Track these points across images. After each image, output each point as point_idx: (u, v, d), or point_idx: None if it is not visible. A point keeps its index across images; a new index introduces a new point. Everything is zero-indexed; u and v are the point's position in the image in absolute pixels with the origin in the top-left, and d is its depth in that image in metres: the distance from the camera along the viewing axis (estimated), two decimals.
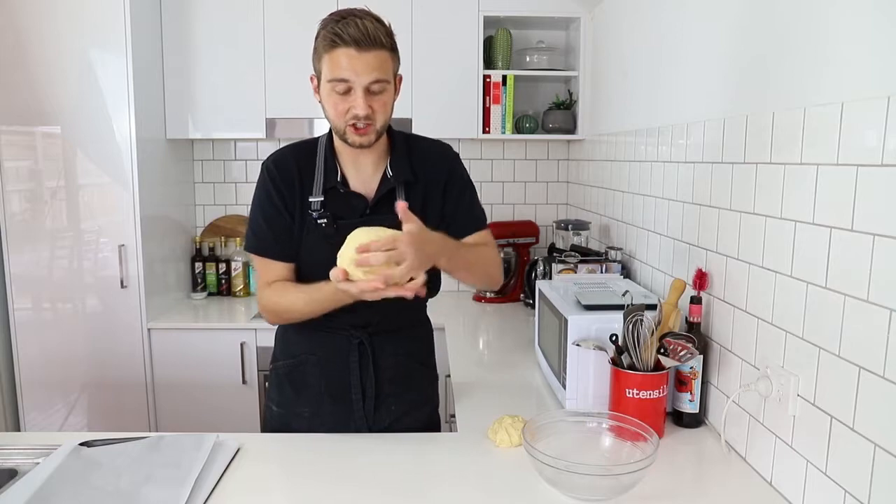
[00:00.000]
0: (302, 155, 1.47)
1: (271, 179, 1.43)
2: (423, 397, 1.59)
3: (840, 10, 1.09)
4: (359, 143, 1.36)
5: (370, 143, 1.37)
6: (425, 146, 1.52)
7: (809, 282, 1.15)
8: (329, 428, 1.49)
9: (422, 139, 1.55)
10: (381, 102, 1.34)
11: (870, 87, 1.00)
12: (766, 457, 1.29)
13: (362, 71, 1.29)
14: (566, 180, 3.21)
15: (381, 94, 1.33)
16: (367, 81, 1.29)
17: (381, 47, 1.30)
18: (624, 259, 2.25)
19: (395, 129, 1.49)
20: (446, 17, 2.77)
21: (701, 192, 1.60)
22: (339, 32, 1.28)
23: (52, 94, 2.47)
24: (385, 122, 1.37)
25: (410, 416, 1.54)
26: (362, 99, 1.30)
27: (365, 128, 1.34)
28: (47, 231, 2.56)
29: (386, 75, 1.32)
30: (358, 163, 1.45)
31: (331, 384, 1.49)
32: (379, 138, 1.39)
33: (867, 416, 1.01)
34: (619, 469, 1.18)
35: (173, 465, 1.26)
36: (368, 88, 1.31)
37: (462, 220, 1.50)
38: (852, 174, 1.03)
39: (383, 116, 1.36)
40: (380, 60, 1.30)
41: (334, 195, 1.43)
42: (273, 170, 1.45)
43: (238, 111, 2.82)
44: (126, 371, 2.62)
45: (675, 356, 1.42)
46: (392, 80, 1.35)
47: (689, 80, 1.72)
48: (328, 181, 1.43)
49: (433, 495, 1.24)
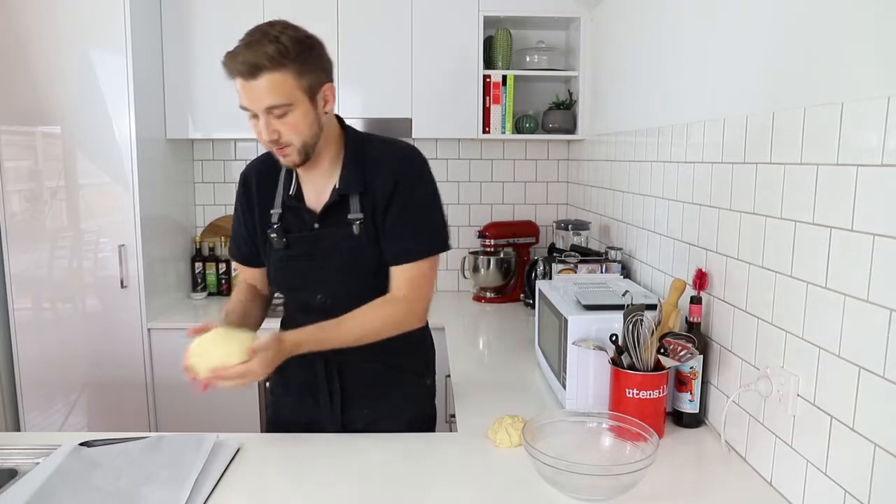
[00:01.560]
0: (266, 168, 1.49)
1: (240, 193, 1.52)
2: (404, 402, 1.56)
3: (840, 10, 1.09)
4: (286, 164, 1.37)
5: (297, 164, 1.36)
6: (377, 154, 1.42)
7: (809, 282, 1.15)
8: (307, 420, 1.52)
9: (380, 143, 1.45)
10: (289, 125, 1.29)
11: (870, 87, 1.00)
12: (766, 457, 1.29)
13: (255, 99, 1.26)
14: (566, 180, 3.21)
15: (287, 116, 1.28)
16: (261, 108, 1.27)
17: (270, 70, 1.23)
18: (624, 259, 2.25)
19: (353, 134, 1.45)
20: (446, 17, 2.77)
21: (701, 192, 1.60)
22: (227, 63, 1.26)
23: (52, 94, 2.47)
24: (307, 140, 1.33)
25: (389, 420, 1.52)
26: (264, 126, 1.29)
27: (283, 149, 1.32)
28: (47, 231, 2.55)
29: (283, 98, 1.26)
30: (310, 176, 1.45)
31: (304, 383, 1.53)
32: (308, 157, 1.36)
33: (867, 416, 1.01)
34: (619, 469, 1.18)
35: (173, 465, 1.26)
36: (271, 113, 1.28)
37: (392, 248, 1.41)
38: (852, 174, 1.03)
39: (299, 137, 1.31)
40: (272, 84, 1.24)
41: (289, 208, 1.45)
42: (240, 182, 1.53)
43: (238, 111, 2.80)
44: (126, 371, 2.62)
45: (675, 356, 1.42)
46: (297, 98, 1.28)
47: (689, 80, 1.72)
48: (285, 194, 1.45)
49: (433, 495, 1.24)
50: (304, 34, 1.30)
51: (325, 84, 1.33)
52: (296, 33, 1.28)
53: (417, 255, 1.41)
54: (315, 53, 1.31)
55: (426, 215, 1.43)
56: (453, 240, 3.16)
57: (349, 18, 2.75)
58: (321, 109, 1.34)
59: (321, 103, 1.34)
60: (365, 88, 2.80)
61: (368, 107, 2.81)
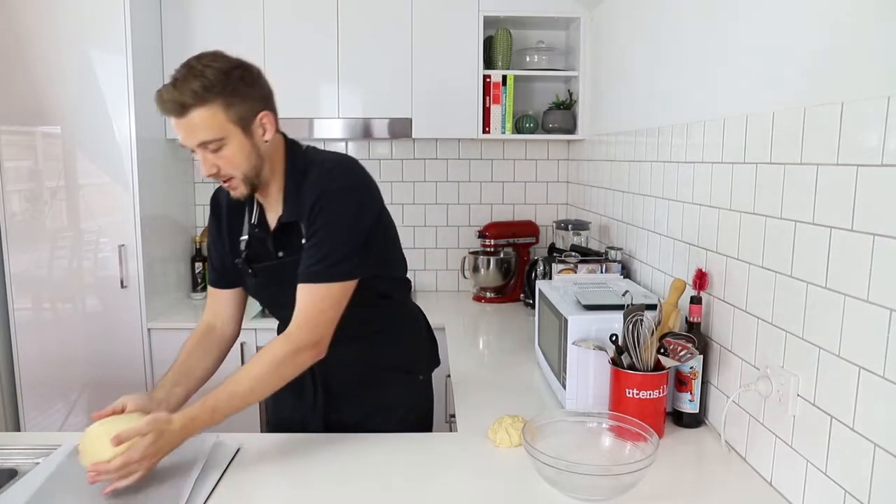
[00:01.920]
0: None
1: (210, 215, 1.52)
2: (394, 400, 1.57)
3: (840, 10, 1.09)
4: (234, 196, 1.36)
5: (245, 195, 1.35)
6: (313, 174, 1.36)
7: (809, 282, 1.15)
8: (287, 416, 1.52)
9: (317, 162, 1.38)
10: (226, 158, 1.27)
11: (870, 87, 1.00)
12: (766, 457, 1.29)
13: (187, 136, 1.25)
14: (566, 180, 3.21)
15: (222, 149, 1.26)
16: (195, 144, 1.26)
17: (196, 106, 1.21)
18: (624, 259, 2.25)
19: (297, 157, 1.40)
20: (446, 17, 2.77)
21: (701, 192, 1.60)
22: (157, 103, 1.25)
23: (52, 94, 2.47)
24: (247, 172, 1.30)
25: (380, 417, 1.53)
26: (202, 161, 1.28)
27: (227, 182, 1.32)
28: (47, 231, 2.55)
29: (214, 133, 1.24)
30: (267, 204, 1.43)
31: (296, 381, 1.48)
32: (256, 187, 1.34)
33: (867, 416, 1.01)
34: (619, 469, 1.18)
35: (173, 465, 1.26)
36: (206, 147, 1.26)
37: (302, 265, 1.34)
38: (852, 174, 1.03)
39: (237, 169, 1.29)
40: (201, 120, 1.22)
41: (254, 236, 1.45)
42: (210, 206, 1.52)
43: None
44: (126, 371, 2.62)
45: (675, 356, 1.42)
46: (229, 131, 1.25)
47: (689, 80, 1.72)
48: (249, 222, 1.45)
49: (433, 495, 1.24)
50: (234, 64, 1.26)
51: (259, 113, 1.29)
52: (223, 64, 1.24)
53: (311, 276, 1.31)
54: (245, 83, 1.27)
55: (326, 240, 1.31)
56: (454, 239, 3.19)
57: (349, 18, 2.75)
58: (259, 139, 1.31)
59: (258, 133, 1.30)
60: (365, 88, 2.80)
61: (368, 107, 2.81)
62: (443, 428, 2.31)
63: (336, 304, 1.32)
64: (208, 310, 1.56)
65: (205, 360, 1.49)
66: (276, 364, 1.28)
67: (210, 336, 1.53)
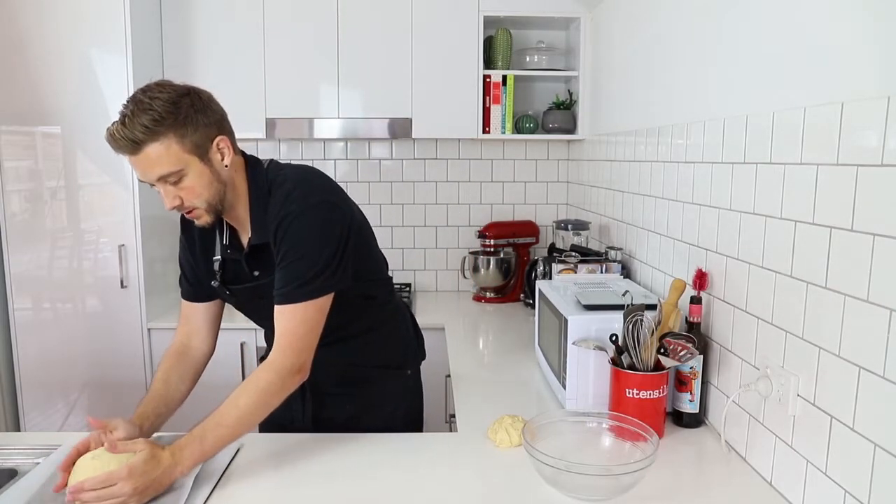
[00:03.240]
0: None
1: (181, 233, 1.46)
2: (384, 398, 1.57)
3: (840, 10, 1.09)
4: (199, 225, 1.33)
5: (210, 223, 1.32)
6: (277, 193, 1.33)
7: (809, 282, 1.15)
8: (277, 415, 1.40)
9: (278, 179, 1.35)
10: (187, 189, 1.25)
11: (870, 87, 1.00)
12: (766, 457, 1.29)
13: (144, 172, 1.23)
14: (566, 180, 3.21)
15: (182, 181, 1.24)
16: (154, 179, 1.24)
17: (149, 142, 1.19)
18: (624, 259, 2.25)
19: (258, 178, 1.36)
20: (446, 17, 2.77)
21: (701, 192, 1.60)
22: (109, 142, 1.22)
23: (52, 94, 2.47)
24: (210, 200, 1.28)
25: (370, 415, 1.53)
26: (164, 195, 1.26)
27: (191, 213, 1.30)
28: (47, 231, 2.56)
29: (172, 166, 1.21)
30: (236, 225, 1.40)
31: None
32: (220, 212, 1.32)
33: (867, 416, 1.01)
34: (619, 469, 1.18)
35: None
36: (166, 181, 1.24)
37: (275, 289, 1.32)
38: (852, 174, 1.03)
39: (200, 199, 1.27)
40: (156, 154, 1.20)
41: (227, 259, 1.42)
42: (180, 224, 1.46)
43: (238, 111, 2.77)
44: (126, 371, 2.62)
45: (675, 356, 1.42)
46: (186, 161, 1.23)
47: (689, 79, 1.72)
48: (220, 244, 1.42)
49: (433, 495, 1.24)
50: (181, 92, 1.23)
51: (215, 138, 1.27)
52: (170, 94, 1.21)
53: (283, 298, 1.29)
54: (196, 110, 1.23)
55: (299, 260, 1.29)
56: (454, 239, 3.19)
57: (349, 18, 2.75)
58: (218, 165, 1.28)
59: (216, 159, 1.28)
60: (365, 88, 2.80)
61: (368, 107, 2.81)
62: (443, 428, 2.32)
63: (314, 324, 1.31)
64: (181, 328, 1.51)
65: (181, 385, 1.46)
66: (261, 393, 1.26)
67: (185, 358, 1.49)
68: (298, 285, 1.28)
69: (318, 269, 1.29)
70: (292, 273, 1.28)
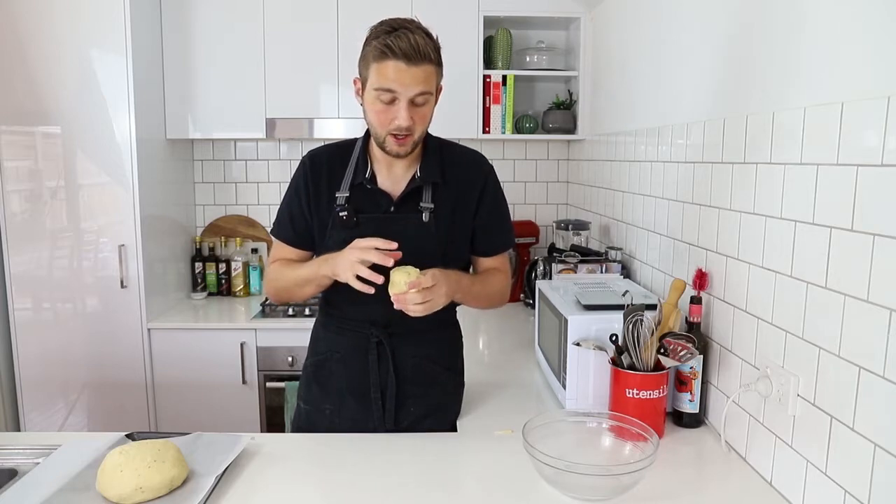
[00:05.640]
0: (336, 153, 1.52)
1: (303, 174, 1.51)
2: (447, 401, 1.57)
3: (840, 10, 1.09)
4: (396, 153, 1.40)
5: (407, 154, 1.41)
6: (459, 152, 1.56)
7: (809, 282, 1.15)
8: (349, 426, 1.50)
9: (457, 146, 1.58)
10: (422, 115, 1.38)
11: (870, 87, 1.00)
12: (766, 457, 1.29)
13: (409, 84, 1.32)
14: (566, 180, 3.21)
15: (423, 106, 1.37)
16: (412, 94, 1.33)
17: (429, 62, 1.34)
18: (624, 259, 2.25)
19: (430, 134, 1.51)
20: (446, 17, 2.77)
21: (701, 192, 1.60)
22: (391, 45, 1.30)
23: (52, 94, 2.48)
24: (423, 132, 1.41)
25: (432, 419, 1.53)
26: (406, 111, 1.34)
27: (404, 138, 1.37)
28: (47, 231, 2.56)
29: (430, 88, 1.36)
30: (391, 164, 1.47)
31: (352, 382, 1.50)
32: (416, 148, 1.43)
33: (867, 416, 1.01)
34: (619, 469, 1.18)
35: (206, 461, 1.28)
36: (413, 100, 1.34)
37: (490, 239, 1.55)
38: (852, 174, 1.03)
39: (422, 127, 1.40)
40: (426, 74, 1.34)
41: (361, 191, 1.46)
42: (307, 164, 1.51)
43: (238, 111, 2.83)
44: (126, 371, 2.62)
45: (675, 356, 1.42)
46: (433, 92, 1.39)
47: (689, 79, 1.72)
48: (356, 178, 1.46)
49: (433, 495, 1.24)
50: None
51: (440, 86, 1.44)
52: None
53: (509, 245, 1.60)
54: None
55: (507, 214, 1.60)
56: None
57: (349, 18, 2.76)
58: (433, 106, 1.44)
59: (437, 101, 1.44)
60: None
61: None
62: None
63: None
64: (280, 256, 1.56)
65: None
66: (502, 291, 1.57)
67: None
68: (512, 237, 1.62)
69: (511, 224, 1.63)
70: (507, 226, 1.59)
